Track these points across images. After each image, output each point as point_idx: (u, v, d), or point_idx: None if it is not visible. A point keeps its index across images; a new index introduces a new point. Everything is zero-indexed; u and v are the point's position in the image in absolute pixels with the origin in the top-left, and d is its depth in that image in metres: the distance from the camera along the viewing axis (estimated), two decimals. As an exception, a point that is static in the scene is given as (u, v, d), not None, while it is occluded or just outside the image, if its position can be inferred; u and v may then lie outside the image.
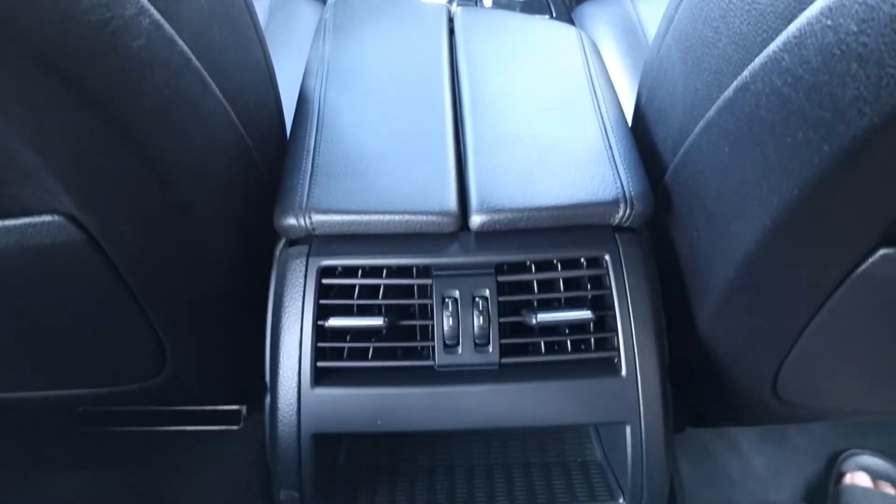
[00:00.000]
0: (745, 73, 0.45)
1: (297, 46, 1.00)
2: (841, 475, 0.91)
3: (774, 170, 0.44)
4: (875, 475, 0.90)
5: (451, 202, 0.58)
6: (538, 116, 0.66)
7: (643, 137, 0.67)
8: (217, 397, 0.93)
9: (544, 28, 0.80)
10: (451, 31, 0.79)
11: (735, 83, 0.46)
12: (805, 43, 0.38)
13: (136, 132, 0.45)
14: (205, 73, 0.49)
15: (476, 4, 1.12)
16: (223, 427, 1.01)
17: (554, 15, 1.11)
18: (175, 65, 0.45)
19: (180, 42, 0.45)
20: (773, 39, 0.42)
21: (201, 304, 0.63)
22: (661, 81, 0.63)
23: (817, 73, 0.37)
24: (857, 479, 0.89)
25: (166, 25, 0.43)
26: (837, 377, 0.65)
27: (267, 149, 0.65)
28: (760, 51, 0.43)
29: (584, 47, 0.76)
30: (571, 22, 1.11)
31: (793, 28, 0.39)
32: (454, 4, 1.07)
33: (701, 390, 0.71)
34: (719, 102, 0.49)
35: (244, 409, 1.01)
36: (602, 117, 0.65)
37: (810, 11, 0.37)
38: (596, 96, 0.68)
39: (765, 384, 0.64)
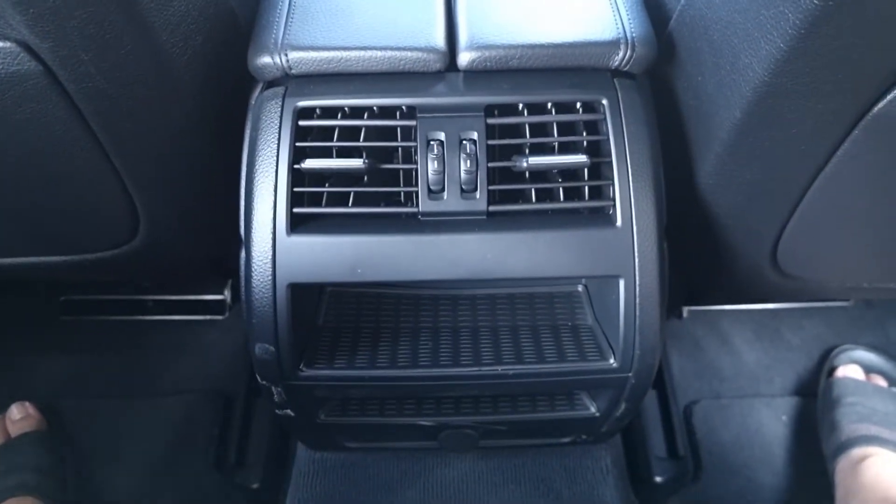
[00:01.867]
0: None
1: None
2: (833, 369, 0.90)
3: (794, -21, 0.40)
4: (868, 369, 0.89)
5: (439, 38, 0.54)
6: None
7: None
8: (197, 273, 0.90)
9: None
10: None
11: None
12: None
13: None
14: None
15: None
16: (208, 317, 0.99)
17: None
18: None
19: None
20: None
21: (172, 158, 0.60)
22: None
23: None
24: (850, 371, 0.87)
25: None
26: (838, 246, 0.63)
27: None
28: None
29: None
30: None
31: None
32: None
33: (699, 262, 0.68)
34: None
35: (229, 298, 0.99)
36: (604, -37, 0.61)
37: None
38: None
39: (765, 252, 0.62)
